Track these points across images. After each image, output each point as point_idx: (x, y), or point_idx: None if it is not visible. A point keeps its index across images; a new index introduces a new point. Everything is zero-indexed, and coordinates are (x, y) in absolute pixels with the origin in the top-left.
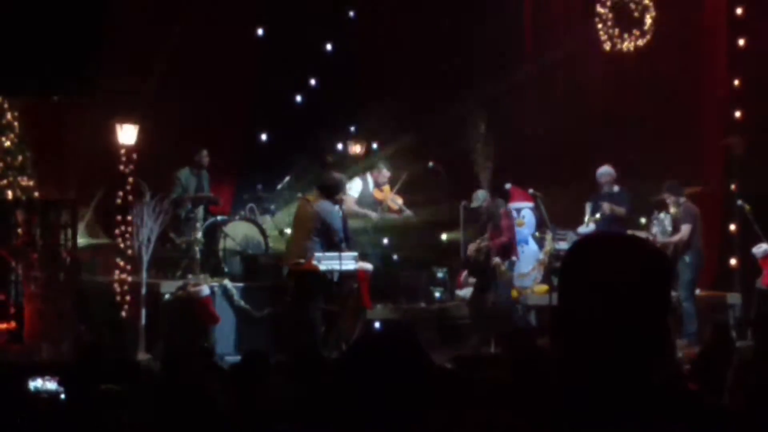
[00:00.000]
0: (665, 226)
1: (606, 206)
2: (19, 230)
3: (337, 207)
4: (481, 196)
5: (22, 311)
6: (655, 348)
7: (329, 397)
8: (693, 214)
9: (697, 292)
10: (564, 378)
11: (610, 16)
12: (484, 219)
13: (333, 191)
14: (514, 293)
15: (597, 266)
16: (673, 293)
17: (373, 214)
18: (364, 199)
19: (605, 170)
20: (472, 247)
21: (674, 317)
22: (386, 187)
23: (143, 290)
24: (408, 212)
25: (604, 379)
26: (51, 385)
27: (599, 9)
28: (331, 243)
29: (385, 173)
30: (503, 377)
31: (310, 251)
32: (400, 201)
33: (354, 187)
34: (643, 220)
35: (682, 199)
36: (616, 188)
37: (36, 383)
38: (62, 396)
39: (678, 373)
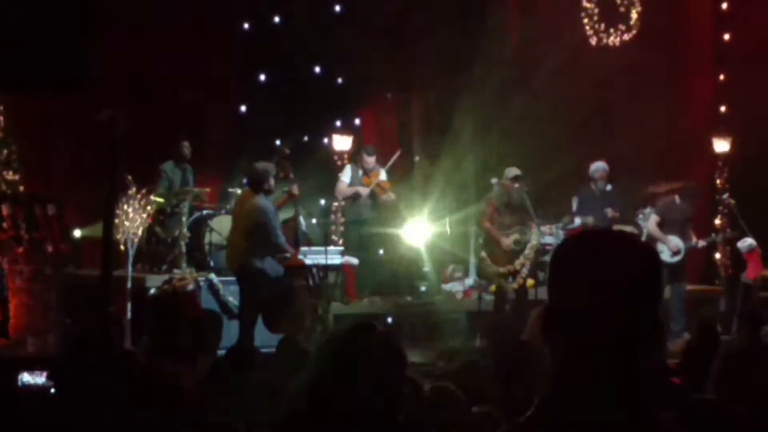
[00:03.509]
0: (651, 221)
1: (610, 212)
2: (4, 224)
3: (270, 202)
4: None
5: (7, 305)
6: (648, 343)
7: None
8: None
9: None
10: (554, 374)
11: (596, 11)
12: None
13: (261, 184)
14: (494, 288)
15: (587, 262)
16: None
17: (364, 190)
18: (354, 186)
19: (600, 166)
20: (507, 241)
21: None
22: (374, 173)
23: (129, 284)
24: (391, 195)
25: (596, 376)
26: (40, 379)
27: (585, 4)
28: (269, 242)
29: (367, 159)
30: (488, 372)
31: (250, 251)
32: (387, 185)
33: (345, 173)
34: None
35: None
36: (608, 186)
37: (25, 377)
38: (52, 390)
39: (665, 366)
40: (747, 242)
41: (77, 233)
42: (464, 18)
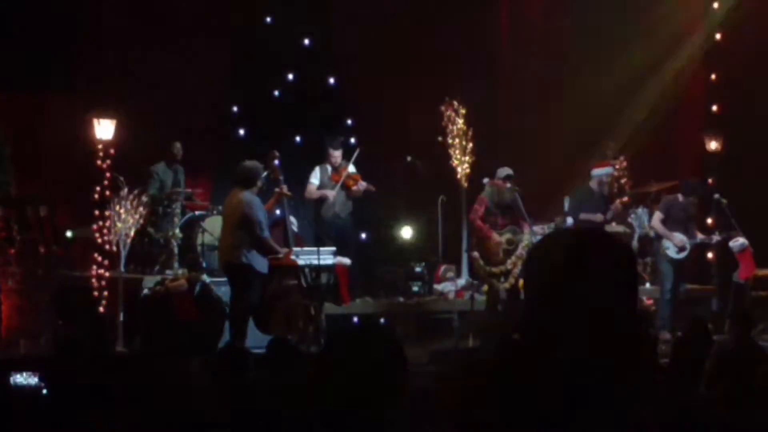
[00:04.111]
0: (643, 220)
1: (618, 204)
2: None
3: (257, 198)
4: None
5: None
6: (628, 337)
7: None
8: None
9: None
10: (535, 371)
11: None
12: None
13: (250, 181)
14: (486, 288)
15: (561, 260)
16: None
17: (330, 193)
18: (325, 186)
19: (610, 170)
20: (499, 238)
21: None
22: (343, 168)
23: (121, 285)
24: (363, 184)
25: (576, 372)
26: (32, 379)
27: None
28: (252, 236)
29: (334, 153)
30: (482, 372)
31: (237, 247)
32: (357, 177)
33: (314, 175)
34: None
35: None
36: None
37: (17, 378)
38: (44, 391)
39: (656, 366)
40: (739, 242)
41: (69, 234)
42: (454, 16)
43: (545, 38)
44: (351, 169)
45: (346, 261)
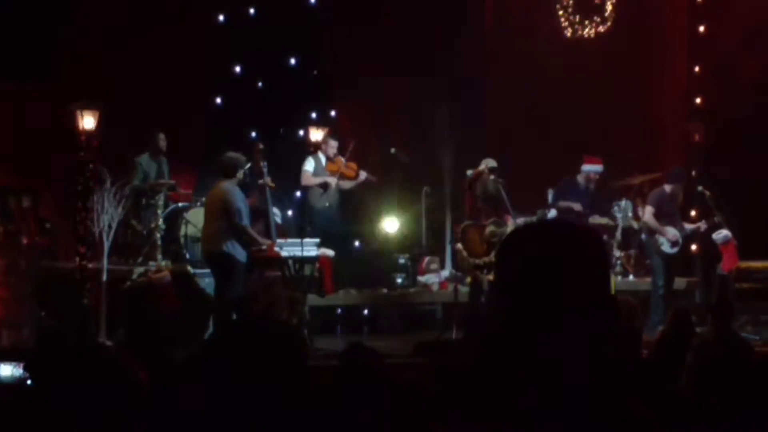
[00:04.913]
0: (627, 212)
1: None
2: None
3: (238, 188)
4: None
5: None
6: (601, 325)
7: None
8: None
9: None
10: (519, 363)
11: (571, 2)
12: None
13: (231, 171)
14: (470, 279)
15: (535, 248)
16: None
17: (332, 179)
18: (320, 175)
19: (600, 168)
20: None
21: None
22: (338, 159)
23: (104, 277)
24: (363, 174)
25: (556, 363)
26: (17, 371)
27: None
28: (231, 224)
29: (332, 143)
30: (465, 362)
31: (218, 235)
32: (354, 166)
33: (308, 163)
34: None
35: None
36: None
37: (1, 369)
38: (28, 382)
39: (640, 358)
40: (722, 234)
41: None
42: (439, 9)
43: (530, 29)
44: (351, 165)
45: (330, 253)
